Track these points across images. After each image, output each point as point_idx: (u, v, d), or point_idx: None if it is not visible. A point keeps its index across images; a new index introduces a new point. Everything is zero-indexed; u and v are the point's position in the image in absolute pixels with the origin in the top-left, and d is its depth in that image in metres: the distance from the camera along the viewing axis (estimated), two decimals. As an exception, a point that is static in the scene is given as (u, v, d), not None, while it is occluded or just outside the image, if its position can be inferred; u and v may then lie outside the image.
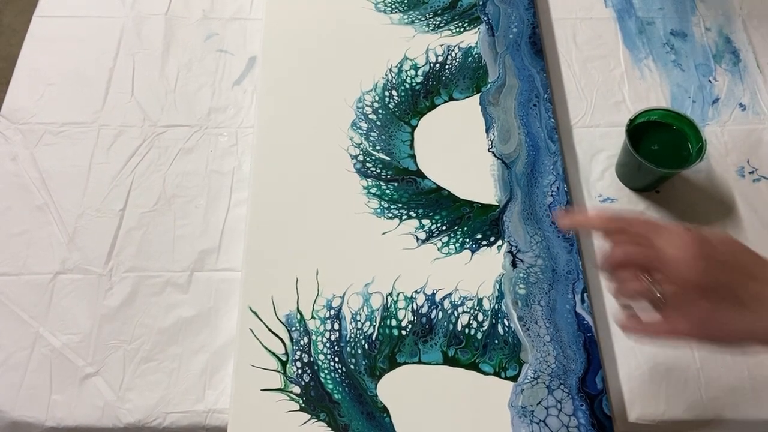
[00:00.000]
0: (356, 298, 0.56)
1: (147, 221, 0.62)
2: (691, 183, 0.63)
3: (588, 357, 0.53)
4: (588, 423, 0.51)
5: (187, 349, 0.56)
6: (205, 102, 0.69)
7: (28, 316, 0.57)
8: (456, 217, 0.60)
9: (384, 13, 0.73)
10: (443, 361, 0.54)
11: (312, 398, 0.52)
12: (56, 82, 0.70)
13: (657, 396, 0.54)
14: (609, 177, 0.64)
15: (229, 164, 0.65)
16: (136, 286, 0.58)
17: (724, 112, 0.68)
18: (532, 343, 0.54)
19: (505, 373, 0.53)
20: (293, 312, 0.56)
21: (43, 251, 0.60)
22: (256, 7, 0.76)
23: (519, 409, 0.52)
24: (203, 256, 0.60)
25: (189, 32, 0.74)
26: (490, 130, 0.65)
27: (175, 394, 0.54)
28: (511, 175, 0.62)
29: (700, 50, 0.72)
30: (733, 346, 0.39)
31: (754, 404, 0.53)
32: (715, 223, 0.61)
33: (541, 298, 0.56)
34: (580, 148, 0.66)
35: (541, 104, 0.66)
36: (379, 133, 0.65)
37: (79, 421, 0.53)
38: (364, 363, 0.54)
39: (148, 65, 0.71)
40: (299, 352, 0.54)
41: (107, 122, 0.67)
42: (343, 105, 0.67)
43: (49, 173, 0.64)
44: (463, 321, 0.55)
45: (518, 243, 0.59)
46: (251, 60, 0.72)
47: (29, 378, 0.54)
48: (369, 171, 0.63)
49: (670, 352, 0.55)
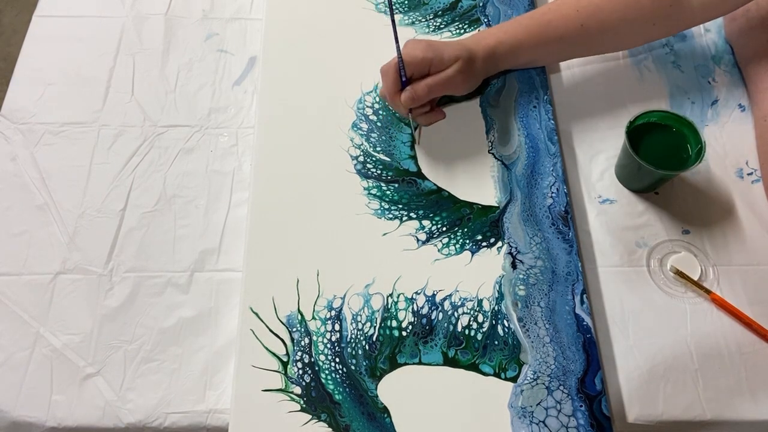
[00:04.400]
0: (357, 298, 0.57)
1: (147, 221, 0.62)
2: (691, 184, 0.64)
3: (587, 358, 0.54)
4: (587, 423, 0.51)
5: (187, 350, 0.56)
6: (206, 102, 0.69)
7: (28, 316, 0.57)
8: (456, 218, 0.60)
9: (385, 14, 0.73)
10: (443, 362, 0.54)
11: (313, 399, 0.52)
12: (56, 82, 0.70)
13: (655, 397, 0.54)
14: (608, 178, 0.64)
15: (230, 164, 0.65)
16: (137, 287, 0.58)
17: (724, 114, 0.68)
18: (531, 344, 0.55)
19: (504, 373, 0.53)
20: (294, 313, 0.56)
21: (44, 251, 0.60)
22: (256, 7, 0.76)
23: (519, 410, 0.52)
24: (204, 256, 0.60)
25: (189, 32, 0.74)
26: (490, 132, 0.65)
27: (175, 395, 0.54)
28: (511, 177, 0.62)
29: (700, 51, 0.72)
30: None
31: (752, 405, 0.54)
32: (714, 224, 0.61)
33: (540, 300, 0.56)
34: (579, 149, 0.66)
35: (541, 106, 0.66)
36: (380, 134, 0.65)
37: (79, 421, 0.53)
38: (365, 364, 0.54)
39: (148, 65, 0.71)
40: (300, 353, 0.54)
41: (107, 122, 0.67)
42: (343, 105, 0.67)
43: (49, 173, 0.64)
44: (463, 322, 0.56)
45: (518, 244, 0.59)
46: (251, 60, 0.72)
47: (30, 378, 0.55)
48: (369, 172, 0.63)
49: (668, 353, 0.56)
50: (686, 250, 0.60)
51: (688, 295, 0.58)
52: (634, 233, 0.61)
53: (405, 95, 0.59)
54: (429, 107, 0.63)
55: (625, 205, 0.63)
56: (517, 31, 0.62)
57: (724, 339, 0.56)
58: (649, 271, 0.59)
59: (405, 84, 0.59)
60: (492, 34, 0.62)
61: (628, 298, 0.58)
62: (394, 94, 0.60)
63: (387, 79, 0.60)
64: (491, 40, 0.62)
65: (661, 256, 0.60)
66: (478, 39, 0.62)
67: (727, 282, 0.59)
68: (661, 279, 0.59)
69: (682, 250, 0.60)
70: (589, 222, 0.62)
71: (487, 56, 0.61)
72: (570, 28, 0.61)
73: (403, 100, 0.59)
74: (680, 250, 0.60)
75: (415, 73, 0.59)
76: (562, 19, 0.61)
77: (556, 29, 0.61)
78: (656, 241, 0.61)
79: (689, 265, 0.59)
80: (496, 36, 0.62)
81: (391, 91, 0.60)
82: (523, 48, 0.62)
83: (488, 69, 0.63)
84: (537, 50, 0.63)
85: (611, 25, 0.61)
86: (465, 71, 0.60)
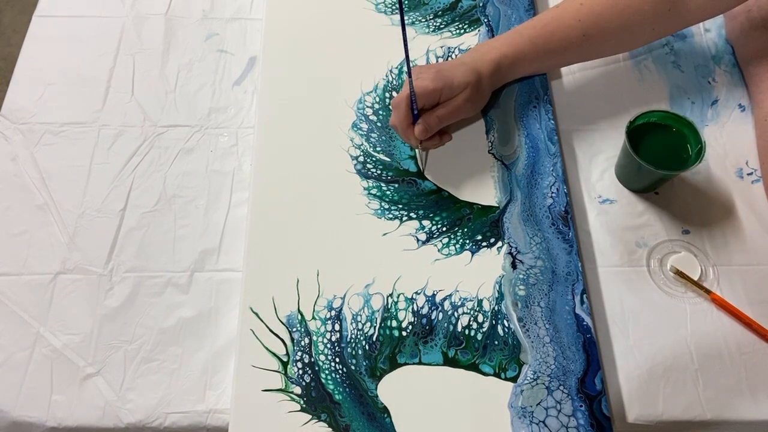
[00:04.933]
0: (357, 299, 0.57)
1: (147, 221, 0.62)
2: (691, 184, 0.64)
3: (587, 358, 0.54)
4: (587, 423, 0.51)
5: (187, 350, 0.56)
6: (206, 102, 0.69)
7: (28, 316, 0.57)
8: (456, 218, 0.60)
9: (384, 14, 0.73)
10: (443, 362, 0.54)
11: (313, 399, 0.52)
12: (56, 82, 0.70)
13: (655, 396, 0.54)
14: (608, 178, 0.64)
15: (230, 164, 0.65)
16: (137, 287, 0.58)
17: (724, 114, 0.68)
18: (531, 344, 0.55)
19: (504, 373, 0.53)
20: (294, 313, 0.56)
21: (44, 251, 0.60)
22: (256, 7, 0.76)
23: (519, 410, 0.52)
24: (204, 256, 0.60)
25: (189, 32, 0.74)
26: (490, 132, 0.65)
27: (175, 395, 0.54)
28: (511, 177, 0.62)
29: (700, 51, 0.72)
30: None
31: (752, 404, 0.54)
32: (714, 224, 0.61)
33: (540, 300, 0.56)
34: (579, 149, 0.66)
35: (541, 106, 0.66)
36: (380, 134, 0.65)
37: (79, 421, 0.53)
38: (365, 364, 0.54)
39: (148, 65, 0.71)
40: (300, 353, 0.54)
41: (107, 122, 0.67)
42: (343, 106, 0.67)
43: (49, 173, 0.64)
44: (463, 322, 0.56)
45: (518, 244, 0.59)
46: (251, 60, 0.72)
47: (30, 378, 0.55)
48: (369, 172, 0.63)
49: (668, 353, 0.56)
50: (686, 250, 0.60)
51: (688, 295, 0.58)
52: (634, 233, 0.61)
53: (419, 129, 0.58)
54: (437, 135, 0.62)
55: (625, 205, 0.63)
56: (519, 43, 0.62)
57: (724, 339, 0.56)
58: (649, 271, 0.59)
59: (416, 116, 0.59)
60: (494, 47, 0.62)
61: (628, 298, 0.58)
62: (407, 127, 0.59)
63: (399, 112, 0.59)
64: (494, 55, 0.61)
65: (661, 256, 0.60)
66: (481, 55, 0.61)
67: (727, 282, 0.59)
68: (661, 279, 0.59)
69: (682, 250, 0.60)
70: (589, 222, 0.62)
71: (492, 73, 0.61)
72: (572, 38, 0.61)
73: (417, 135, 0.59)
74: (680, 250, 0.60)
75: (426, 104, 0.59)
76: (565, 30, 0.61)
77: (559, 41, 0.61)
78: (656, 241, 0.61)
79: (689, 265, 0.59)
80: (499, 50, 0.61)
81: (403, 125, 0.59)
82: (526, 60, 0.62)
83: (494, 84, 0.63)
84: (541, 61, 0.63)
85: (613, 32, 0.61)
86: (474, 97, 0.60)
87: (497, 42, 0.62)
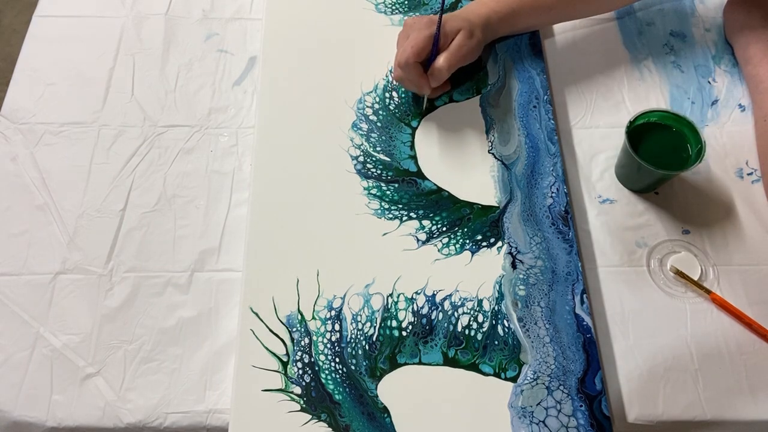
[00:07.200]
0: (357, 299, 0.57)
1: (147, 221, 0.62)
2: (691, 184, 0.64)
3: (587, 358, 0.54)
4: (587, 423, 0.51)
5: (187, 350, 0.56)
6: (206, 102, 0.69)
7: (28, 316, 0.57)
8: (456, 218, 0.60)
9: (385, 14, 0.73)
10: (443, 362, 0.54)
11: (313, 399, 0.52)
12: (56, 82, 0.69)
13: (655, 396, 0.54)
14: (608, 178, 0.64)
15: (230, 164, 0.65)
16: (137, 287, 0.58)
17: (724, 114, 0.68)
18: (531, 344, 0.55)
19: (505, 373, 0.53)
20: (294, 313, 0.56)
21: (44, 251, 0.60)
22: (256, 7, 0.76)
23: (519, 410, 0.52)
24: (204, 256, 0.60)
25: (189, 32, 0.74)
26: (490, 132, 0.65)
27: (175, 395, 0.54)
28: (511, 177, 0.62)
29: (700, 51, 0.73)
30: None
31: (752, 405, 0.54)
32: (714, 224, 0.61)
33: (540, 299, 0.56)
34: (579, 149, 0.66)
35: (541, 106, 0.66)
36: (380, 134, 0.65)
37: (79, 422, 0.53)
38: (365, 364, 0.54)
39: (148, 65, 0.71)
40: (300, 353, 0.54)
41: (107, 122, 0.67)
42: (343, 106, 0.67)
43: (49, 173, 0.64)
44: (463, 322, 0.56)
45: (518, 244, 0.59)
46: (251, 60, 0.72)
47: (30, 378, 0.55)
48: (369, 172, 0.63)
49: (668, 353, 0.56)
50: (686, 250, 0.60)
51: (688, 295, 0.58)
52: (634, 233, 0.61)
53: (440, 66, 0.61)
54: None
55: (625, 205, 0.63)
56: (509, 0, 0.66)
57: (724, 339, 0.56)
58: (649, 271, 0.59)
59: (430, 61, 0.62)
60: (485, 3, 0.66)
61: (628, 298, 0.58)
62: (419, 76, 0.62)
63: (408, 68, 0.61)
64: (484, 10, 0.65)
65: (661, 256, 0.60)
66: (472, 9, 0.65)
67: (727, 282, 0.59)
68: (661, 279, 0.59)
69: (682, 250, 0.60)
70: (589, 222, 0.62)
71: (484, 25, 0.64)
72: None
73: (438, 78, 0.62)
74: (680, 250, 0.60)
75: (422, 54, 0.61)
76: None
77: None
78: (656, 241, 0.61)
79: (689, 265, 0.59)
80: (488, 5, 0.66)
81: (415, 76, 0.62)
82: (516, 16, 0.67)
83: (486, 37, 0.66)
84: (530, 17, 0.68)
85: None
86: (468, 40, 0.63)
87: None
